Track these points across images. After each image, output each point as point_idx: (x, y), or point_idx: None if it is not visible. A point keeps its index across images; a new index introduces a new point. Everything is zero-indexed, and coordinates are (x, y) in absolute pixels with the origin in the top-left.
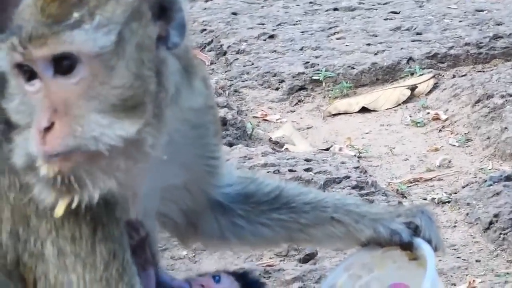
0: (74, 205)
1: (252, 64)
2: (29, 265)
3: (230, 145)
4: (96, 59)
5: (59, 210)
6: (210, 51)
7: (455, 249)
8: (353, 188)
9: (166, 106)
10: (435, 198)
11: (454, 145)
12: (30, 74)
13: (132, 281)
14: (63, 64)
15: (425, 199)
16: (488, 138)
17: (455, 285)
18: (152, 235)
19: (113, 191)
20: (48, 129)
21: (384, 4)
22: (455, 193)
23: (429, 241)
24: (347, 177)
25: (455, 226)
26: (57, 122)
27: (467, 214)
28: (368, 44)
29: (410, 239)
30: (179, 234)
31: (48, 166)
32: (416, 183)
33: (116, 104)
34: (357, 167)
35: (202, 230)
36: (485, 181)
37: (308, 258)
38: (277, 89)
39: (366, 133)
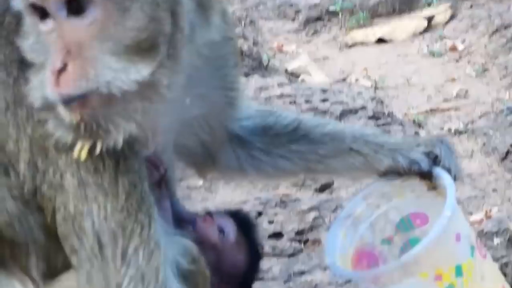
0: (98, 150)
1: None
2: (48, 195)
3: (246, 75)
4: (109, 0)
5: (83, 155)
6: None
7: (471, 179)
8: (370, 118)
9: (182, 47)
10: (451, 128)
11: (471, 75)
12: (43, 13)
13: (150, 211)
14: (76, 5)
15: (442, 129)
16: (506, 67)
17: (471, 214)
18: (170, 168)
19: (134, 133)
20: (61, 70)
21: None
22: (472, 123)
23: (448, 171)
24: (364, 108)
25: (471, 156)
26: (71, 63)
27: (484, 144)
28: None
29: (429, 169)
30: (196, 165)
31: (68, 112)
32: (433, 113)
33: (129, 47)
34: (374, 98)
35: (220, 163)
36: (502, 111)
37: (324, 187)
38: (293, 20)
39: (383, 63)
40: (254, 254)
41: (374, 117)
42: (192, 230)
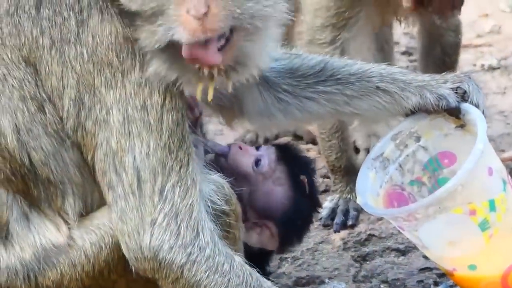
0: (229, 88)
1: None
2: (92, 132)
3: None
4: None
5: (210, 95)
6: None
7: (504, 116)
8: (402, 54)
9: None
10: (484, 64)
11: (504, 11)
12: None
13: (189, 150)
14: None
15: (474, 65)
16: None
17: (503, 151)
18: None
19: (266, 66)
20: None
21: None
22: (505, 59)
23: (476, 106)
24: (396, 43)
25: (504, 93)
26: (213, 4)
27: None
28: None
29: (457, 104)
30: (224, 112)
31: (209, 55)
32: (466, 49)
33: None
34: (407, 33)
35: (247, 108)
36: None
37: None
38: None
39: None
40: (302, 193)
41: (407, 52)
42: (225, 160)
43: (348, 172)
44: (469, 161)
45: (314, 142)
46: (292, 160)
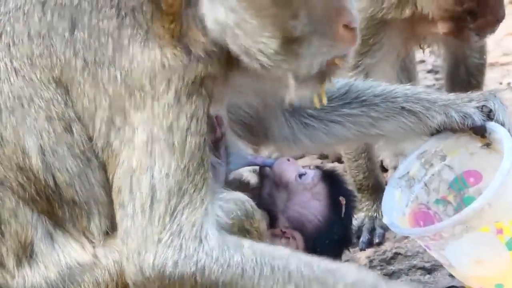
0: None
1: None
2: (116, 151)
3: None
4: None
5: (324, 98)
6: None
7: None
8: (428, 72)
9: None
10: (510, 83)
11: None
12: None
13: (206, 175)
14: None
15: (500, 83)
16: None
17: None
18: (227, 132)
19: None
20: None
21: None
22: None
23: (502, 125)
24: (423, 61)
25: None
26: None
27: None
28: None
29: (482, 123)
30: (250, 138)
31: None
32: (492, 67)
33: None
34: (433, 52)
35: (273, 134)
36: None
37: None
38: None
39: None
40: (337, 215)
41: (433, 70)
42: (270, 169)
43: (375, 191)
44: (496, 180)
45: (339, 160)
46: (335, 184)
